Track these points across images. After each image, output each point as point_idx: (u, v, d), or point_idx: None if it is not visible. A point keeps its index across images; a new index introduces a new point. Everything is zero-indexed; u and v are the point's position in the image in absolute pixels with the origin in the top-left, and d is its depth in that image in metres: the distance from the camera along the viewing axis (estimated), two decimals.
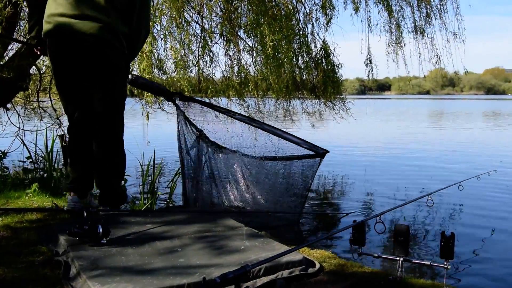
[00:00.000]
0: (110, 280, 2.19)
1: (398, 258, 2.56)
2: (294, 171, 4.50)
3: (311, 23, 7.32)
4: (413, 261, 2.70)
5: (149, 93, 5.39)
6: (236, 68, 6.56)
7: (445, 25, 7.43)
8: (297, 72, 7.22)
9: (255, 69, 6.72)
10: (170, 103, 4.28)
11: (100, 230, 2.68)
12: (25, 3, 4.60)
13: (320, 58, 7.44)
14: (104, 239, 2.70)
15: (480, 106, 53.92)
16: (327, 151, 4.42)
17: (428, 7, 7.47)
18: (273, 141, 4.34)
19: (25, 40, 5.04)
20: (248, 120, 4.44)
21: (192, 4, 6.16)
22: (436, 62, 7.49)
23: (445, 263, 2.47)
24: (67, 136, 3.56)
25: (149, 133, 7.19)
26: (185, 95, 4.27)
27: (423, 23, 7.48)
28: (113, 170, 3.47)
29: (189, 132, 4.37)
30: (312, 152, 4.41)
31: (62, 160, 5.62)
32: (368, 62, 7.58)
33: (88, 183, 3.53)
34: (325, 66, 7.43)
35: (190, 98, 4.29)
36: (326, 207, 6.00)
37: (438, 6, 7.45)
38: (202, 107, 4.34)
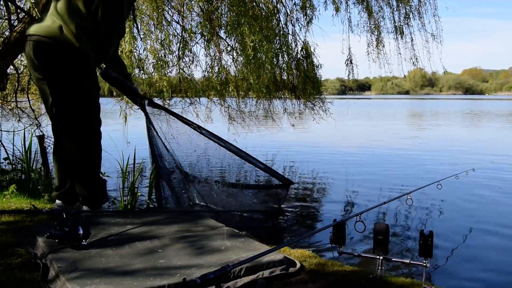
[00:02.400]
0: (90, 282, 2.17)
1: (377, 257, 2.59)
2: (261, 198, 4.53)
3: (291, 23, 7.35)
4: (393, 259, 2.74)
5: None
6: (216, 68, 6.55)
7: (424, 26, 7.53)
8: (277, 72, 7.24)
9: (236, 69, 6.73)
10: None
11: (81, 232, 2.65)
12: None
13: (300, 58, 7.47)
14: (84, 241, 2.67)
15: (459, 105, 54.62)
16: (292, 183, 4.43)
17: (407, 8, 7.55)
18: (239, 162, 4.33)
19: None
20: (216, 138, 4.33)
21: (172, 4, 6.14)
22: (414, 63, 7.58)
23: (424, 261, 2.50)
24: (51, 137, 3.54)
25: (130, 133, 7.15)
26: (154, 102, 4.17)
27: (403, 24, 7.56)
28: (86, 169, 3.43)
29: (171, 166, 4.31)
30: (279, 182, 4.42)
31: (41, 161, 5.56)
32: (348, 62, 7.64)
33: (73, 189, 3.50)
34: (305, 66, 7.47)
35: (159, 105, 4.20)
36: (306, 206, 6.02)
37: (417, 7, 7.54)
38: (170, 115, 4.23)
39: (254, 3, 6.13)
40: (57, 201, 3.53)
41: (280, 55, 7.10)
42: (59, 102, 3.27)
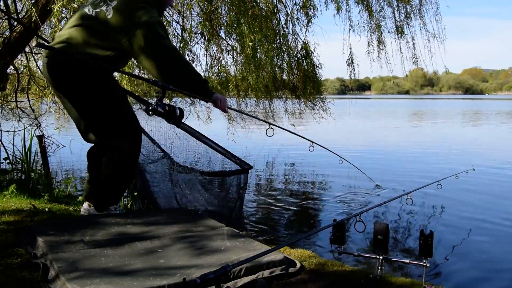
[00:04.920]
0: (90, 282, 2.17)
1: (377, 257, 2.59)
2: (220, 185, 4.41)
3: (292, 23, 7.34)
4: (393, 259, 2.73)
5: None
6: (216, 68, 6.55)
7: (425, 25, 7.51)
8: (277, 72, 7.23)
9: (236, 69, 6.72)
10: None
11: (178, 112, 3.05)
12: None
13: (300, 58, 7.46)
14: (182, 120, 3.09)
15: (459, 105, 54.57)
16: (251, 167, 4.33)
17: (408, 7, 7.54)
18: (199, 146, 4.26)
19: None
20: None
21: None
22: (414, 62, 7.57)
23: (424, 261, 2.50)
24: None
25: None
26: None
27: (404, 24, 7.55)
28: (110, 187, 3.45)
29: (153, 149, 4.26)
30: (237, 167, 4.31)
31: (41, 161, 5.56)
32: (349, 62, 7.62)
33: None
34: (305, 66, 7.46)
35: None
36: (306, 206, 6.02)
37: (418, 6, 7.53)
38: None
39: (254, 3, 6.12)
40: (88, 206, 3.55)
41: (280, 54, 7.09)
42: (83, 117, 3.26)
